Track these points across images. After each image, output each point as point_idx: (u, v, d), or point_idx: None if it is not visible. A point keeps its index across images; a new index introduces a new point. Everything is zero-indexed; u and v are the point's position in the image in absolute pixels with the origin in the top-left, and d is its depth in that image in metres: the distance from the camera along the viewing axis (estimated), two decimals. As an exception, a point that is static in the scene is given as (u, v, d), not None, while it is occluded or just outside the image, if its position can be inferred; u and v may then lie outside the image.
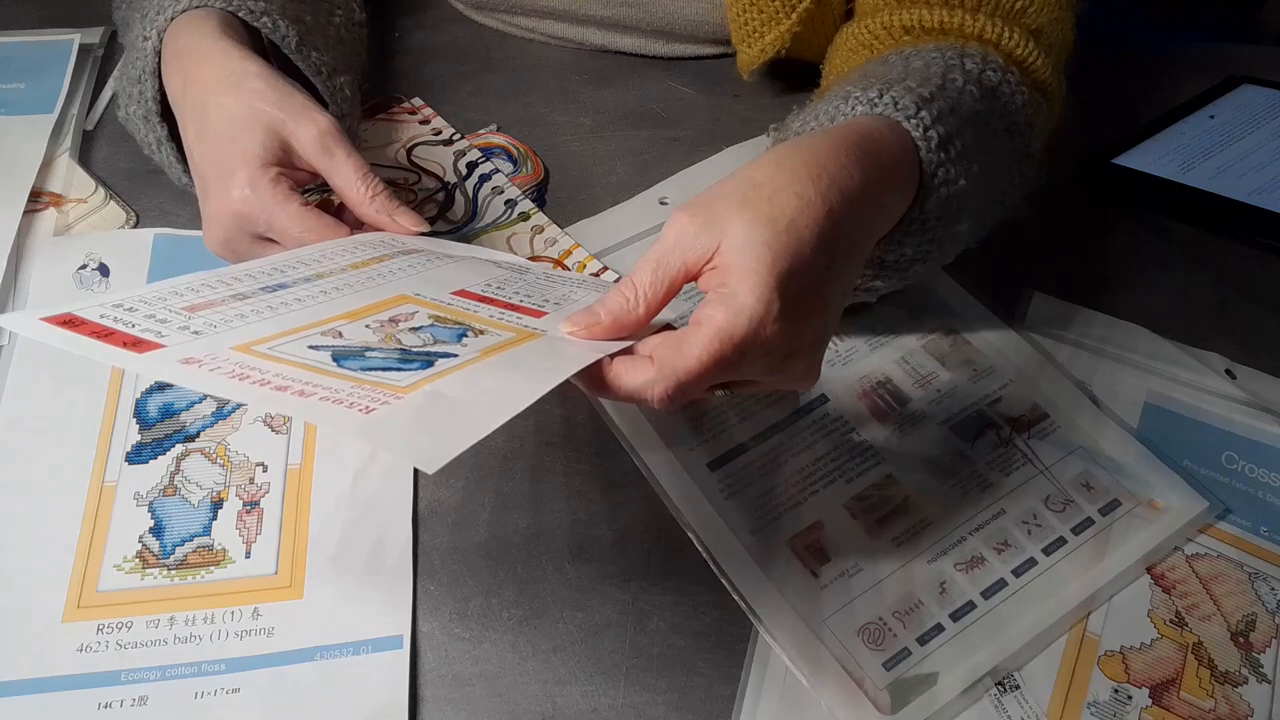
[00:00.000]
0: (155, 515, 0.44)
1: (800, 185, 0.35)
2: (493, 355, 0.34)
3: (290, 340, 0.34)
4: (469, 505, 0.45)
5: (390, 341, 0.35)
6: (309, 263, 0.41)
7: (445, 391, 0.31)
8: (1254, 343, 0.54)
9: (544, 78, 0.69)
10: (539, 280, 0.44)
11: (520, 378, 0.32)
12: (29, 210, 0.55)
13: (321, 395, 0.30)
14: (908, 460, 0.47)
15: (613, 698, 0.40)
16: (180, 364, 0.31)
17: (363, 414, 0.29)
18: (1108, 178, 0.63)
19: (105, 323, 0.33)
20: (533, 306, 0.40)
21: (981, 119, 0.44)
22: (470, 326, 0.37)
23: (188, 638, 0.40)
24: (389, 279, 0.41)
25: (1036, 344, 0.52)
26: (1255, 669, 0.41)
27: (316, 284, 0.39)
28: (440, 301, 0.39)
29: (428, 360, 0.33)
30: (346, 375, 0.32)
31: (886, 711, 0.39)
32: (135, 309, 0.34)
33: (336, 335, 0.35)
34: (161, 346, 0.32)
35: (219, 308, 0.35)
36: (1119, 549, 0.44)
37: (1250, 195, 0.59)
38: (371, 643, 0.40)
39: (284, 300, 0.37)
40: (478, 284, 0.42)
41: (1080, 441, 0.48)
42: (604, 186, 0.61)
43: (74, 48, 0.65)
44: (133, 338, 0.32)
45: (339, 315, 0.36)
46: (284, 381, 0.31)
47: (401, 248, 0.45)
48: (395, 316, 0.37)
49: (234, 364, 0.32)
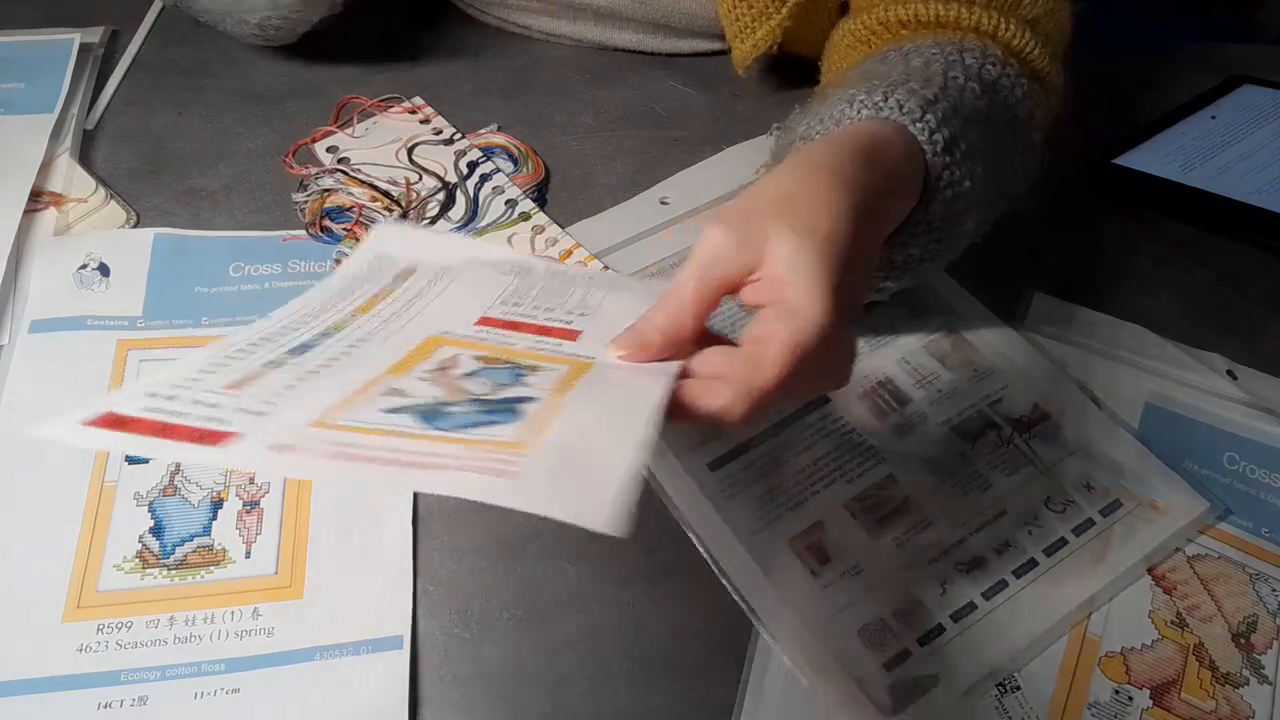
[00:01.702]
0: (155, 515, 0.44)
1: (828, 195, 0.34)
2: (568, 393, 0.32)
3: (359, 407, 0.32)
4: (469, 506, 0.45)
5: (458, 394, 0.33)
6: (318, 316, 0.38)
7: (567, 443, 0.30)
8: (1255, 343, 0.54)
9: (544, 77, 0.69)
10: (549, 285, 0.42)
11: (621, 418, 0.31)
12: (29, 210, 0.55)
13: (450, 464, 0.28)
14: (908, 460, 0.47)
15: (613, 698, 0.40)
16: (272, 452, 0.29)
17: (509, 479, 0.28)
18: (1109, 178, 0.63)
19: (155, 417, 0.30)
20: (562, 325, 0.38)
21: (984, 115, 0.44)
22: (518, 363, 0.35)
23: (187, 638, 0.40)
24: (404, 318, 0.38)
25: (1037, 344, 0.52)
26: (1256, 670, 0.41)
27: (336, 338, 0.36)
28: (472, 338, 0.37)
29: (510, 408, 0.32)
30: (452, 438, 0.30)
31: (887, 713, 0.39)
32: (175, 395, 0.32)
33: (398, 394, 0.33)
34: (234, 434, 0.30)
35: (260, 382, 0.33)
36: (1120, 550, 0.44)
37: (1251, 195, 0.59)
38: (371, 643, 0.40)
39: (318, 362, 0.35)
40: (493, 306, 0.39)
41: (1081, 442, 0.48)
42: (604, 186, 0.61)
43: (74, 47, 0.65)
44: (197, 430, 0.30)
45: (385, 371, 0.34)
46: (391, 454, 0.29)
47: (394, 269, 0.42)
48: (443, 364, 0.35)
49: (326, 443, 0.29)
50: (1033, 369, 0.51)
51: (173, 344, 0.50)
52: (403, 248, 0.44)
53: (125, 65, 0.66)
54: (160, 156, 0.60)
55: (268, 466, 0.30)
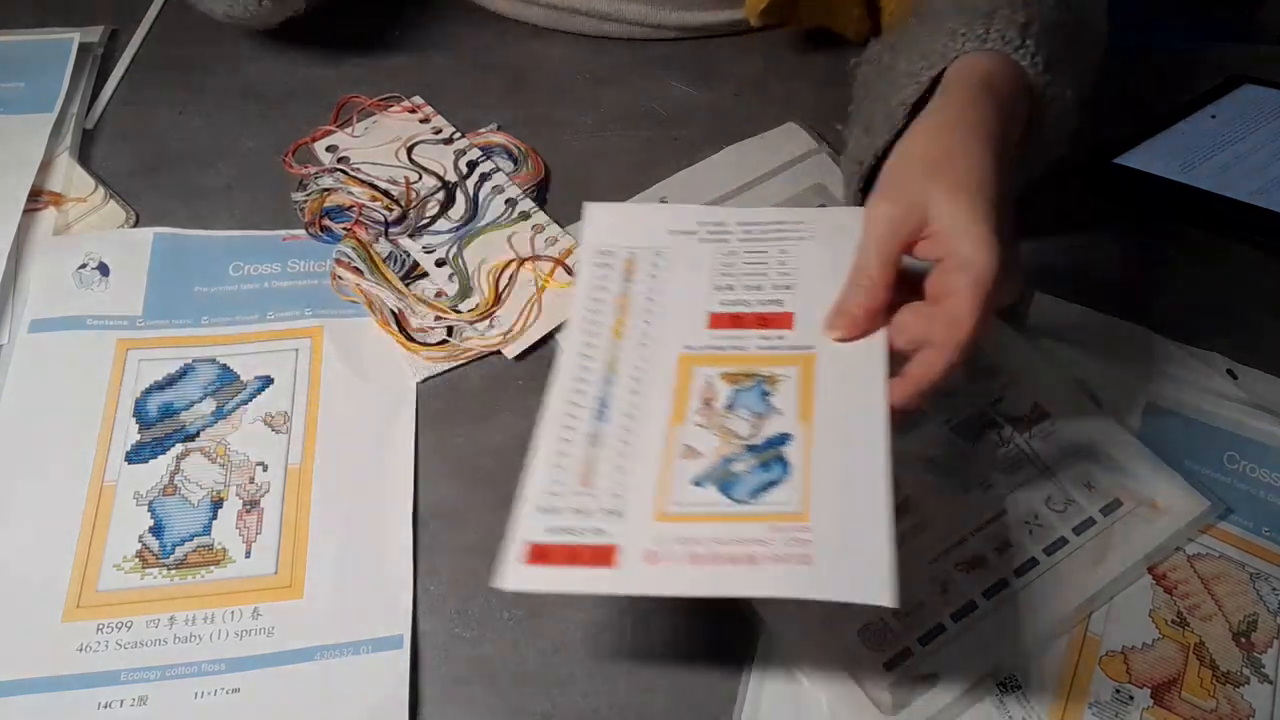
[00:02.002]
0: (155, 515, 0.44)
1: (970, 149, 0.39)
2: (812, 420, 0.38)
3: (675, 484, 0.37)
4: (469, 505, 0.45)
5: (728, 438, 0.38)
6: (590, 355, 0.42)
7: (834, 510, 0.35)
8: (1255, 343, 0.54)
9: (544, 77, 0.68)
10: (747, 249, 0.45)
11: (861, 451, 0.37)
12: (29, 209, 0.55)
13: (758, 554, 0.34)
14: (909, 460, 0.47)
15: (613, 698, 0.40)
16: (650, 566, 0.34)
17: (806, 566, 0.34)
18: (1109, 177, 0.63)
19: (559, 540, 0.35)
20: (776, 310, 0.42)
21: (1064, 21, 0.47)
22: (760, 375, 0.40)
23: (188, 637, 0.40)
24: (651, 336, 0.42)
25: (1037, 343, 0.52)
26: (1257, 669, 0.41)
27: (618, 385, 0.41)
28: (711, 349, 0.41)
29: (779, 455, 0.38)
30: (751, 514, 0.36)
31: (888, 712, 0.39)
32: (556, 508, 0.36)
33: (691, 453, 0.38)
34: (616, 548, 0.35)
35: (598, 470, 0.38)
36: (1120, 549, 0.44)
37: (1251, 195, 0.59)
38: (372, 642, 0.40)
39: (620, 424, 0.39)
40: (713, 295, 0.43)
41: (1081, 442, 0.48)
42: (604, 186, 0.61)
43: (74, 46, 0.65)
44: (591, 549, 0.35)
45: (669, 422, 0.39)
46: (718, 548, 0.35)
47: (619, 265, 0.45)
48: (705, 398, 0.40)
49: (676, 541, 0.35)
50: (1033, 368, 0.51)
51: (173, 343, 0.50)
52: (614, 234, 0.46)
53: (125, 64, 0.66)
54: (160, 156, 0.60)
55: (651, 586, 0.35)
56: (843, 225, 0.44)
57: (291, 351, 0.50)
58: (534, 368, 0.50)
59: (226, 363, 0.49)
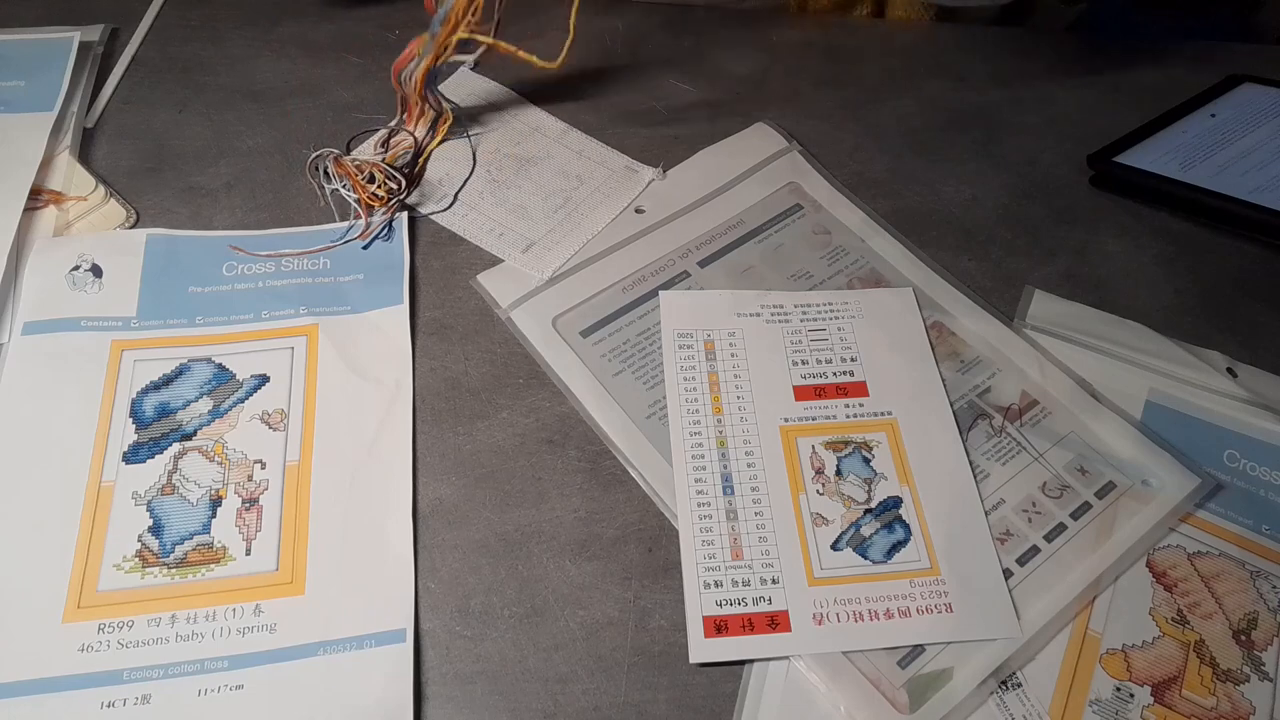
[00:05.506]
0: (154, 514, 0.44)
1: None
2: (912, 482, 0.45)
3: (818, 550, 0.42)
4: (470, 503, 0.45)
5: (848, 504, 0.44)
6: (699, 431, 0.46)
7: (956, 563, 0.42)
8: (1255, 341, 0.54)
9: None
10: (807, 326, 0.51)
11: (961, 507, 0.44)
12: (29, 208, 0.55)
13: (913, 608, 0.40)
14: (909, 458, 0.48)
15: (614, 695, 0.40)
16: (815, 625, 0.40)
17: (949, 614, 0.40)
18: (1109, 175, 0.63)
19: (733, 611, 0.40)
20: (850, 380, 0.48)
21: None
22: (855, 442, 0.46)
23: (189, 635, 0.40)
24: (749, 411, 0.47)
25: (1025, 335, 0.52)
26: (1257, 667, 0.41)
27: (734, 460, 0.45)
28: (806, 420, 0.47)
29: (899, 518, 0.43)
30: (891, 574, 0.41)
31: (905, 710, 0.39)
32: (719, 582, 0.41)
33: (822, 520, 0.43)
34: (785, 612, 0.40)
35: (742, 540, 0.42)
36: (1119, 531, 0.45)
37: (1251, 193, 0.59)
38: (374, 637, 0.40)
39: (749, 499, 0.44)
40: (792, 370, 0.48)
41: (1070, 427, 0.49)
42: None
43: (74, 45, 0.65)
44: (766, 615, 0.40)
45: (789, 490, 0.44)
46: (874, 605, 0.40)
47: (699, 346, 0.50)
48: (816, 468, 0.45)
49: (837, 604, 0.40)
50: (1018, 357, 0.51)
51: (167, 344, 0.50)
52: (686, 318, 0.52)
53: (125, 63, 0.66)
54: (160, 154, 0.60)
55: (826, 645, 0.39)
56: (882, 301, 0.52)
57: (287, 350, 0.50)
58: (534, 367, 0.50)
59: (222, 362, 0.49)
